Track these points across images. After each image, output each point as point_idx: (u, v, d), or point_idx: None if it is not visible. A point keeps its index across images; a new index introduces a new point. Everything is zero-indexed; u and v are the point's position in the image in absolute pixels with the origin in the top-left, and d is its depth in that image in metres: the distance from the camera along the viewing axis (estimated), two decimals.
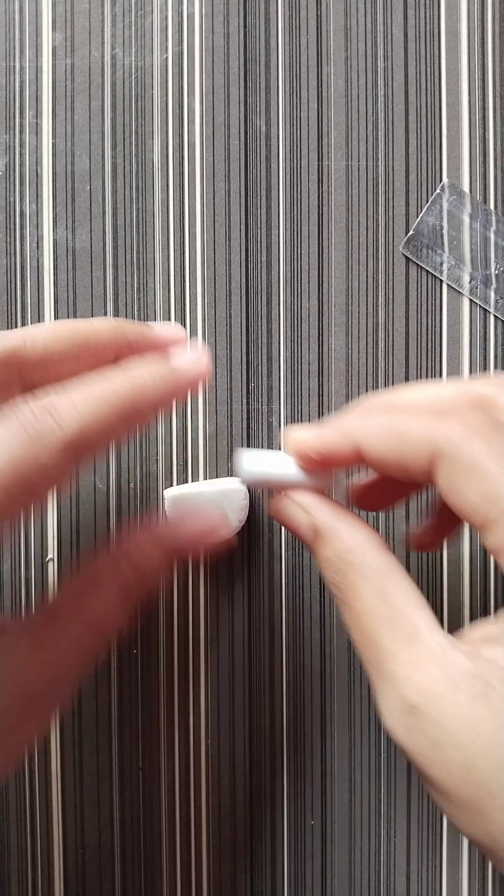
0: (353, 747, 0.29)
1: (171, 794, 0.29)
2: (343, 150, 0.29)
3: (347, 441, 0.21)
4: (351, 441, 0.21)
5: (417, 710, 0.18)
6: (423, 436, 0.19)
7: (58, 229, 0.29)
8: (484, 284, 0.29)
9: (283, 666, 0.29)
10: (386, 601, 0.19)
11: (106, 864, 0.29)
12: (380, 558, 0.20)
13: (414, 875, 0.29)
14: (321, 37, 0.29)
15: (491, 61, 0.28)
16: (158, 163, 0.29)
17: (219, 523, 0.23)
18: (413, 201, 0.29)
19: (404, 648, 0.19)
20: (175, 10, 0.28)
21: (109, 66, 0.29)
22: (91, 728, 0.29)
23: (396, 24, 0.28)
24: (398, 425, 0.20)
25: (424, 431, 0.19)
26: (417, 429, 0.19)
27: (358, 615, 0.20)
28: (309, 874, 0.29)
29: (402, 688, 0.19)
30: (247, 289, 0.29)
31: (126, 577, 0.21)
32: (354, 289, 0.29)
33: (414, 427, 0.19)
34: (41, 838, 0.29)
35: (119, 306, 0.29)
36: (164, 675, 0.29)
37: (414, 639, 0.19)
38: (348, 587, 0.20)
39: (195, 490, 0.28)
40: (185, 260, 0.29)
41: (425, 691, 0.18)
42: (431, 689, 0.18)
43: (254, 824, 0.29)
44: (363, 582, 0.20)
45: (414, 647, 0.19)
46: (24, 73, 0.28)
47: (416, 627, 0.19)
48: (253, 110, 0.29)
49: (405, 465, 0.20)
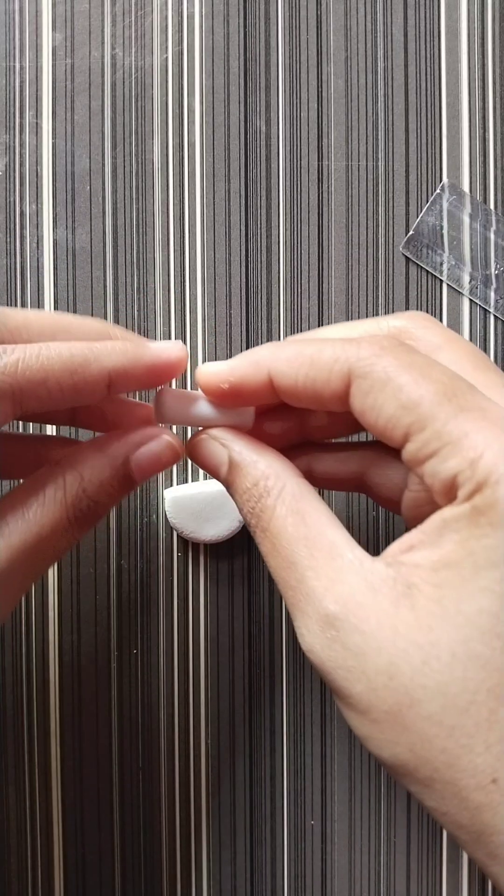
0: (353, 747, 0.29)
1: (171, 794, 0.29)
2: (343, 150, 0.29)
3: (259, 370, 0.20)
4: (263, 370, 0.20)
5: (337, 619, 0.18)
6: (334, 359, 0.19)
7: (58, 229, 0.29)
8: (484, 284, 0.29)
9: (283, 666, 0.29)
10: (304, 521, 0.19)
11: (106, 864, 0.29)
12: (295, 483, 0.20)
13: (414, 875, 0.29)
14: (321, 37, 0.29)
15: (491, 61, 0.29)
16: (158, 163, 0.29)
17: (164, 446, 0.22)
18: (413, 201, 0.29)
19: (323, 564, 0.19)
20: (175, 10, 0.28)
21: (109, 66, 0.29)
22: (91, 728, 0.29)
23: (396, 24, 0.28)
24: (310, 351, 0.20)
25: (336, 354, 0.19)
26: (329, 352, 0.19)
27: (275, 537, 0.20)
28: (309, 874, 0.29)
29: (320, 601, 0.18)
30: (247, 289, 0.29)
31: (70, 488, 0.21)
32: (354, 289, 0.29)
33: (325, 351, 0.19)
34: (41, 838, 0.29)
35: (119, 306, 0.29)
36: (164, 675, 0.29)
37: (333, 555, 0.19)
38: (265, 512, 0.20)
39: (195, 490, 0.28)
40: (185, 260, 0.29)
41: (345, 600, 0.18)
42: (351, 597, 0.18)
43: (254, 824, 0.29)
44: (280, 505, 0.20)
45: (333, 561, 0.19)
46: (24, 73, 0.28)
47: (335, 544, 0.19)
48: (253, 110, 0.29)
49: (317, 392, 0.19)
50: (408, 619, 0.17)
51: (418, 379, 0.18)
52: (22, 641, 0.29)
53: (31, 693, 0.29)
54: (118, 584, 0.29)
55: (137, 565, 0.29)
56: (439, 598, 0.17)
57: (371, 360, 0.19)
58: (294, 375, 0.20)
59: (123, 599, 0.29)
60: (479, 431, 0.17)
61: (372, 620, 0.17)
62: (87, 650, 0.29)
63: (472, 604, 0.17)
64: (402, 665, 0.17)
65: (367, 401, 0.19)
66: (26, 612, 0.29)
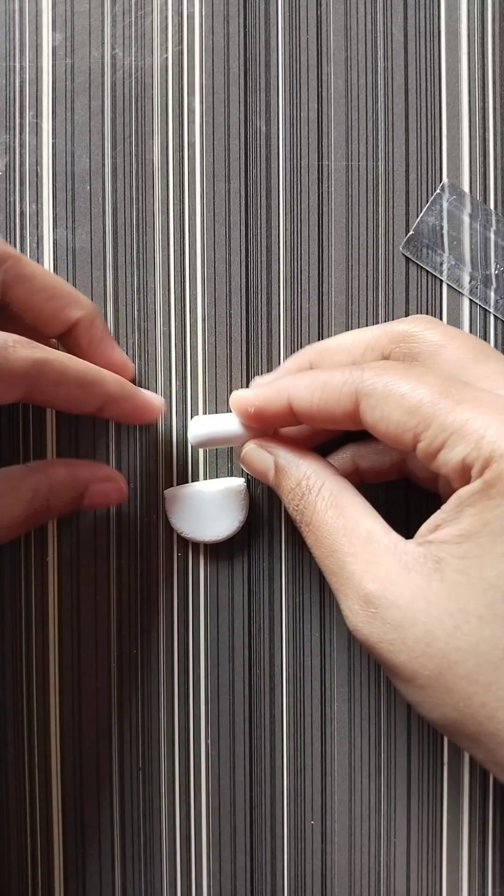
0: (353, 747, 0.29)
1: (171, 794, 0.29)
2: (343, 150, 0.29)
3: (281, 395, 0.23)
4: (284, 395, 0.23)
5: (375, 596, 0.20)
6: (343, 382, 0.22)
7: (58, 229, 0.29)
8: (484, 284, 0.29)
9: (283, 666, 0.29)
10: (342, 514, 0.22)
11: (106, 864, 0.29)
12: (333, 480, 0.23)
13: (414, 875, 0.29)
14: (321, 37, 0.29)
15: (491, 61, 0.29)
16: (158, 163, 0.29)
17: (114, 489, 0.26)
18: (413, 201, 0.29)
19: (361, 550, 0.21)
20: (175, 10, 0.28)
21: (109, 66, 0.29)
22: (91, 728, 0.29)
23: (396, 24, 0.28)
24: (322, 377, 0.22)
25: (344, 378, 0.22)
26: (338, 378, 0.22)
27: (317, 530, 0.22)
28: (309, 874, 0.29)
29: (359, 581, 0.20)
30: (247, 289, 0.29)
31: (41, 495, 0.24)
32: (354, 289, 0.29)
33: (335, 377, 0.22)
34: (41, 838, 0.29)
35: (119, 306, 0.29)
36: (164, 675, 0.29)
37: (369, 541, 0.21)
38: (307, 508, 0.23)
39: (195, 490, 0.28)
40: (185, 260, 0.29)
41: (381, 578, 0.20)
42: (387, 576, 0.20)
43: (254, 824, 0.29)
44: (320, 501, 0.22)
45: (370, 546, 0.21)
46: (24, 73, 0.28)
47: (371, 532, 0.21)
48: (253, 110, 0.29)
49: (331, 412, 0.22)
50: (438, 590, 0.19)
51: (416, 387, 0.20)
52: (22, 641, 0.29)
53: (31, 693, 0.29)
54: (118, 584, 0.29)
55: (137, 565, 0.29)
56: (463, 568, 0.19)
57: (374, 380, 0.21)
58: (310, 399, 0.22)
59: (123, 600, 0.29)
60: (478, 416, 0.19)
61: (407, 595, 0.19)
62: (87, 650, 0.29)
63: (492, 569, 0.19)
64: (436, 632, 0.19)
65: (375, 414, 0.21)
66: (26, 612, 0.29)
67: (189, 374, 0.29)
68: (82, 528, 0.29)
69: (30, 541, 0.29)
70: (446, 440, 0.19)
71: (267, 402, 0.24)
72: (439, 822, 0.29)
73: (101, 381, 0.24)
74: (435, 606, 0.19)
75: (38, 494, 0.24)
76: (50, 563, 0.29)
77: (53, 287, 0.25)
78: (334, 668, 0.29)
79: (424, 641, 0.19)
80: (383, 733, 0.29)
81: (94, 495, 0.26)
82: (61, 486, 0.25)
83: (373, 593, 0.20)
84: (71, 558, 0.29)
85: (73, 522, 0.29)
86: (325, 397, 0.22)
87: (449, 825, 0.29)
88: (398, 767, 0.29)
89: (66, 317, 0.26)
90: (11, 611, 0.29)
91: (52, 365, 0.23)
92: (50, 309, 0.25)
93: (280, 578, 0.29)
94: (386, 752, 0.29)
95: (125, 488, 0.27)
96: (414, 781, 0.29)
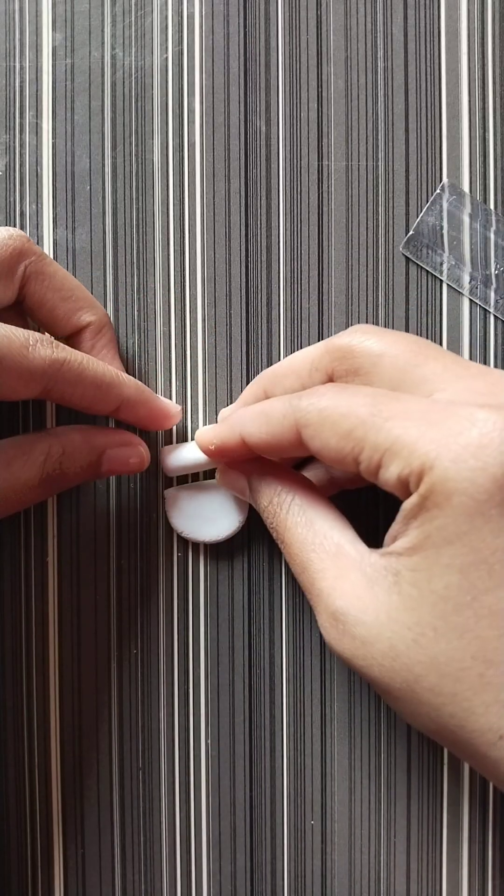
0: (353, 747, 0.29)
1: (171, 794, 0.29)
2: (343, 150, 0.29)
3: (234, 432, 0.24)
4: (237, 431, 0.24)
5: (342, 613, 0.20)
6: (283, 415, 0.22)
7: (58, 229, 0.29)
8: (484, 284, 0.29)
9: (283, 666, 0.29)
10: (311, 528, 0.22)
11: (106, 864, 0.29)
12: (302, 494, 0.23)
13: (414, 875, 0.29)
14: (321, 37, 0.29)
15: (491, 61, 0.29)
16: (158, 163, 0.29)
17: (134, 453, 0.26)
18: (413, 201, 0.29)
19: (330, 565, 0.21)
20: (175, 10, 0.28)
21: (109, 66, 0.29)
22: (91, 728, 0.29)
23: (396, 24, 0.28)
24: (265, 409, 0.23)
25: (283, 411, 0.22)
26: (278, 410, 0.22)
27: (290, 546, 0.22)
28: (309, 874, 0.29)
29: (328, 598, 0.21)
30: (247, 289, 0.29)
31: (52, 457, 0.24)
32: (354, 289, 0.29)
33: (276, 409, 0.22)
34: (41, 838, 0.29)
35: (119, 306, 0.29)
36: (164, 675, 0.29)
37: (338, 555, 0.21)
38: (280, 524, 0.23)
39: (195, 490, 0.28)
40: (185, 260, 0.29)
41: (347, 595, 0.20)
42: (353, 592, 0.20)
43: (254, 824, 0.29)
44: (291, 516, 0.23)
45: (338, 560, 0.21)
46: (24, 73, 0.28)
47: (339, 545, 0.21)
48: (253, 110, 0.29)
49: (279, 444, 0.22)
50: (397, 604, 0.19)
51: (347, 410, 0.20)
52: (22, 641, 0.29)
53: (31, 693, 0.29)
54: (118, 584, 0.29)
55: (137, 565, 0.29)
56: (415, 581, 0.19)
57: (308, 409, 0.21)
58: (258, 433, 0.23)
59: (123, 599, 0.29)
60: (405, 431, 0.19)
61: (370, 610, 0.20)
62: (87, 650, 0.29)
63: (439, 581, 0.19)
64: (399, 646, 0.19)
65: (316, 443, 0.21)
66: (26, 612, 0.29)
67: (189, 374, 0.29)
68: (82, 529, 0.29)
69: (30, 541, 0.29)
70: (381, 459, 0.19)
71: (224, 441, 0.24)
72: (439, 822, 0.29)
73: (118, 385, 0.25)
74: (395, 621, 0.19)
75: (51, 458, 0.24)
76: (50, 563, 0.29)
77: (71, 289, 0.26)
78: (334, 668, 0.29)
79: (390, 656, 0.19)
80: (383, 733, 0.29)
81: (111, 461, 0.26)
82: (75, 451, 0.25)
83: (340, 610, 0.20)
84: (71, 558, 0.29)
85: (73, 523, 0.29)
86: (270, 430, 0.22)
87: (449, 825, 0.29)
88: (398, 767, 0.29)
89: (77, 320, 0.26)
90: (11, 611, 0.29)
91: (71, 365, 0.23)
92: (63, 310, 0.26)
93: (280, 578, 0.29)
94: (386, 752, 0.29)
95: (145, 454, 0.26)
96: (414, 781, 0.29)
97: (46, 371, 0.23)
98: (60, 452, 0.24)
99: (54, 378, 0.23)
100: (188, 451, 0.27)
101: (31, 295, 0.25)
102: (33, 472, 0.24)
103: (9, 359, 0.22)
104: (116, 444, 0.26)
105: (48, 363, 0.23)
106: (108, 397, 0.25)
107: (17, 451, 0.24)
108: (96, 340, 0.27)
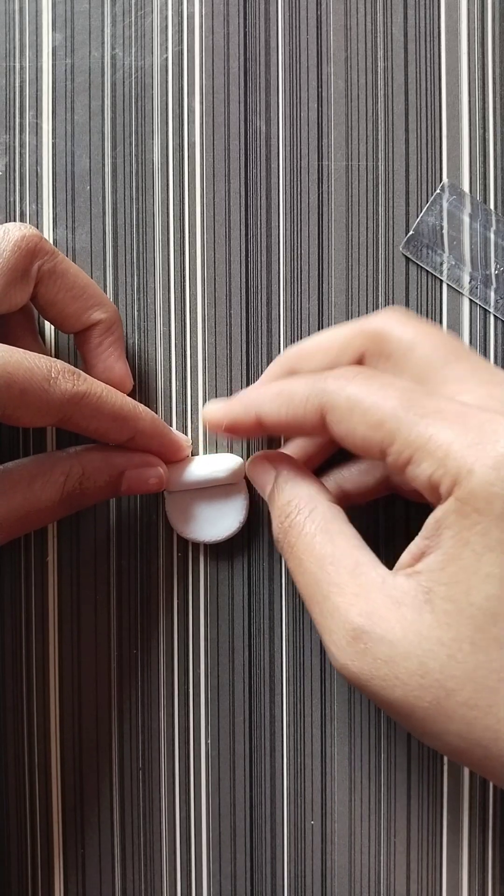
0: (353, 747, 0.29)
1: (171, 794, 0.29)
2: (343, 150, 0.29)
3: (249, 411, 0.23)
4: (252, 411, 0.23)
5: (363, 631, 0.19)
6: (307, 396, 0.21)
7: (58, 229, 0.29)
8: (484, 284, 0.29)
9: (283, 666, 0.29)
10: (331, 541, 0.21)
11: (106, 864, 0.29)
12: (327, 506, 0.22)
13: (414, 875, 0.29)
14: (321, 37, 0.29)
15: (491, 61, 0.29)
16: (158, 163, 0.29)
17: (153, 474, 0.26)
18: (413, 201, 0.29)
19: (348, 581, 0.20)
20: (175, 10, 0.28)
21: (109, 66, 0.29)
22: (91, 728, 0.29)
23: (396, 24, 0.28)
24: (287, 389, 0.22)
25: (307, 392, 0.21)
26: (301, 391, 0.22)
27: (302, 554, 0.21)
28: (309, 874, 0.29)
29: (346, 615, 0.20)
30: (247, 289, 0.29)
31: (72, 477, 0.24)
32: (354, 289, 0.29)
33: (299, 390, 0.22)
34: (41, 838, 0.29)
35: (119, 306, 0.29)
36: (164, 675, 0.29)
37: (356, 573, 0.20)
38: (293, 528, 0.22)
39: (195, 490, 0.28)
40: (185, 260, 0.29)
41: (369, 613, 0.19)
42: (375, 611, 0.19)
43: (254, 824, 0.29)
44: (310, 524, 0.22)
45: (357, 579, 0.20)
46: (24, 73, 0.28)
47: (359, 563, 0.20)
48: (253, 110, 0.29)
49: (299, 425, 0.22)
50: (430, 622, 0.18)
51: (379, 401, 0.20)
52: (22, 641, 0.29)
53: (31, 693, 0.29)
54: (118, 584, 0.29)
55: (137, 565, 0.29)
56: (451, 595, 0.18)
57: (337, 393, 0.21)
58: (277, 414, 0.22)
59: (123, 600, 0.29)
60: (441, 431, 0.19)
61: (397, 629, 0.19)
62: (87, 650, 0.29)
63: (479, 592, 0.18)
64: (430, 663, 0.18)
65: (341, 428, 0.21)
66: (26, 612, 0.29)
67: (189, 374, 0.29)
68: (82, 529, 0.29)
69: (30, 541, 0.29)
70: (412, 456, 0.19)
71: (236, 419, 0.24)
72: (439, 822, 0.29)
73: (134, 418, 0.25)
74: (427, 639, 0.18)
75: (72, 478, 0.24)
76: (50, 563, 0.29)
77: (82, 287, 0.26)
78: (334, 668, 0.29)
79: (419, 674, 0.18)
80: (383, 733, 0.29)
81: (130, 480, 0.26)
82: (95, 471, 0.25)
83: (361, 627, 0.19)
84: (71, 558, 0.29)
85: (73, 522, 0.29)
86: (291, 412, 0.22)
87: (449, 825, 0.29)
88: (398, 767, 0.29)
89: (88, 318, 0.26)
90: (11, 611, 0.29)
91: (90, 399, 0.23)
92: (74, 308, 0.26)
93: (280, 578, 0.29)
94: (386, 752, 0.29)
95: (164, 474, 0.26)
96: (414, 781, 0.29)
97: (65, 405, 0.23)
98: (80, 472, 0.25)
99: (71, 412, 0.23)
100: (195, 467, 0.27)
101: (42, 294, 0.25)
102: (54, 492, 0.24)
103: (30, 393, 0.22)
104: (136, 464, 0.26)
105: (68, 397, 0.23)
106: (124, 429, 0.25)
107: (38, 471, 0.24)
108: (104, 338, 0.26)
